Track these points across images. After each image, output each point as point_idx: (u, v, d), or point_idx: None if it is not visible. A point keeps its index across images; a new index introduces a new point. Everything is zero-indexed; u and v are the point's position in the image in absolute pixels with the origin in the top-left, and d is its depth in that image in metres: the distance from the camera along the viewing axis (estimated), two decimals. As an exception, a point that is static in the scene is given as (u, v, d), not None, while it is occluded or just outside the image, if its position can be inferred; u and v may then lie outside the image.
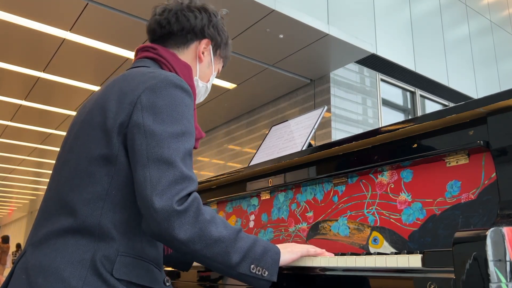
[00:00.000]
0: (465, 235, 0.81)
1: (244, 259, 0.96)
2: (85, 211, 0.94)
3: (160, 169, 0.91)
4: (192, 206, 0.91)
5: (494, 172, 1.01)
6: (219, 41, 1.27)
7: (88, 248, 0.92)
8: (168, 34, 1.20)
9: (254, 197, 1.75)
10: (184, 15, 1.20)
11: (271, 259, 1.01)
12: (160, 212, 0.88)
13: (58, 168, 1.06)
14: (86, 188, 0.96)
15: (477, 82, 7.52)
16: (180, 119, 0.98)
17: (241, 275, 0.97)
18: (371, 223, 1.26)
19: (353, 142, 1.30)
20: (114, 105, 0.99)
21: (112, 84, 1.06)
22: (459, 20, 7.68)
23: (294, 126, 1.85)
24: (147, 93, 0.98)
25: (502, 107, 0.98)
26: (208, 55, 1.25)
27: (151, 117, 0.95)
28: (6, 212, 24.41)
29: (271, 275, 1.00)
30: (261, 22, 4.59)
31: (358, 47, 5.10)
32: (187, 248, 0.91)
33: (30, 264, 0.93)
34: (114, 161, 0.96)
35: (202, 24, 1.21)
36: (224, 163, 7.45)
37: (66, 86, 6.31)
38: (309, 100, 5.91)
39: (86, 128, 1.02)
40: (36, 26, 4.75)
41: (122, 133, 0.97)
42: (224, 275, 1.03)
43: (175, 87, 1.01)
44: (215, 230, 0.93)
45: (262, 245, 1.01)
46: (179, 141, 0.95)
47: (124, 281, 0.92)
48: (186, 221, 0.90)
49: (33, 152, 10.43)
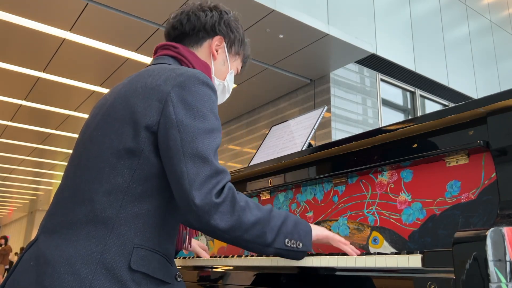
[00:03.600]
0: (465, 235, 0.81)
1: (278, 235, 1.02)
2: (104, 202, 0.95)
3: (197, 164, 0.94)
4: (228, 196, 0.96)
5: (494, 172, 1.01)
6: (232, 38, 1.27)
7: (100, 240, 0.92)
8: (182, 35, 1.23)
9: (254, 197, 1.75)
10: (195, 14, 1.22)
11: (303, 231, 1.08)
12: (201, 206, 0.92)
13: (77, 157, 1.05)
14: (107, 179, 0.96)
15: (477, 82, 7.52)
16: (210, 115, 1.01)
17: (277, 250, 1.03)
18: (371, 223, 1.27)
19: (353, 142, 1.30)
20: (141, 100, 1.00)
21: (136, 79, 1.07)
22: (459, 20, 7.68)
23: (294, 126, 1.85)
24: (176, 90, 1.00)
25: (502, 107, 0.98)
26: (222, 52, 1.26)
27: (183, 112, 0.97)
28: (6, 212, 24.40)
29: (306, 246, 1.07)
30: (261, 22, 4.60)
31: (358, 47, 5.10)
32: (229, 235, 0.96)
33: (41, 252, 0.93)
34: (139, 155, 0.97)
35: (213, 21, 1.23)
36: (224, 163, 7.45)
37: (66, 86, 6.31)
38: (309, 100, 5.91)
39: (109, 121, 1.02)
40: (36, 26, 4.75)
41: (150, 129, 0.98)
42: (263, 254, 1.10)
43: (202, 84, 1.03)
44: (251, 215, 0.99)
45: (293, 220, 1.07)
46: (210, 137, 0.99)
47: (140, 273, 0.93)
48: (224, 211, 0.95)
49: (33, 152, 10.42)
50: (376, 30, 5.92)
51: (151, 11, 4.45)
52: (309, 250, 1.08)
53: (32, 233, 19.28)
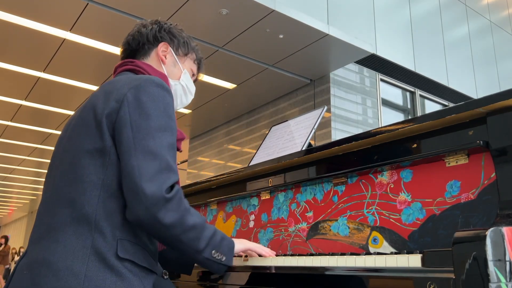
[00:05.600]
0: (465, 235, 0.81)
1: (208, 245, 1.09)
2: (82, 200, 1.00)
3: (147, 159, 0.99)
4: (177, 195, 1.01)
5: (494, 172, 1.01)
6: (176, 42, 1.37)
7: (87, 235, 0.97)
8: (132, 52, 1.33)
9: (254, 197, 1.76)
10: (138, 32, 1.34)
11: (227, 247, 1.15)
12: (151, 197, 0.96)
13: (54, 168, 1.12)
14: (82, 179, 1.02)
15: (477, 82, 7.52)
16: (162, 115, 1.06)
17: (204, 260, 1.09)
18: (371, 223, 1.27)
19: (353, 142, 1.30)
20: (101, 102, 1.08)
21: (100, 89, 1.16)
22: (458, 20, 7.68)
23: (294, 126, 1.85)
24: (132, 91, 1.07)
25: (502, 107, 0.99)
26: (170, 56, 1.35)
27: (136, 111, 1.04)
28: (6, 212, 24.40)
29: (228, 260, 1.14)
30: (261, 22, 4.60)
31: (358, 47, 5.10)
32: (167, 231, 1.01)
33: (32, 260, 0.98)
34: (108, 152, 1.03)
35: (153, 32, 1.33)
36: (224, 163, 7.45)
37: (66, 86, 6.31)
38: (309, 100, 5.91)
39: (78, 127, 1.10)
40: (36, 26, 4.75)
41: (111, 127, 1.04)
42: (192, 259, 1.15)
43: (157, 85, 1.09)
44: (191, 218, 1.05)
45: (220, 235, 1.14)
46: (162, 135, 1.04)
47: (128, 261, 0.98)
48: (171, 207, 0.99)
49: (33, 152, 10.42)
50: (376, 30, 5.92)
51: (151, 11, 4.45)
52: (230, 264, 1.15)
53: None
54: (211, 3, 4.32)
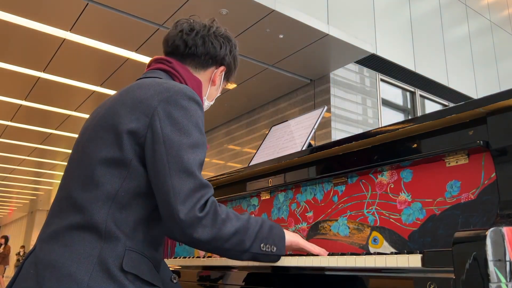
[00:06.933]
0: (465, 235, 0.81)
1: (255, 240, 1.08)
2: (92, 209, 0.99)
3: (182, 178, 0.99)
4: (211, 210, 1.01)
5: (494, 172, 1.01)
6: (232, 68, 1.35)
7: (95, 245, 0.96)
8: (191, 55, 1.25)
9: (254, 197, 1.76)
10: (211, 42, 1.26)
11: (277, 236, 1.14)
12: (185, 221, 0.97)
13: (71, 169, 1.10)
14: (97, 187, 1.00)
15: (477, 82, 7.52)
16: (195, 131, 1.05)
17: (254, 254, 1.09)
18: (371, 223, 1.27)
19: (353, 142, 1.30)
20: (127, 111, 1.04)
21: (126, 91, 1.11)
22: (459, 20, 7.68)
23: (294, 126, 1.85)
24: (163, 105, 1.03)
25: (502, 107, 0.98)
26: (219, 79, 1.33)
27: (169, 128, 1.01)
28: (6, 212, 24.40)
29: (280, 250, 1.13)
30: (261, 22, 4.60)
31: (358, 47, 5.10)
32: (209, 246, 1.03)
33: (39, 259, 0.98)
34: (128, 165, 1.01)
35: (225, 53, 1.29)
36: (224, 163, 7.45)
37: (66, 86, 6.31)
38: (309, 100, 5.92)
39: (99, 131, 1.06)
40: (36, 26, 4.75)
41: (136, 141, 1.02)
42: (239, 260, 1.13)
43: (188, 99, 1.07)
44: (230, 226, 1.04)
45: (268, 225, 1.13)
46: (195, 151, 1.03)
47: (132, 274, 0.97)
48: (207, 224, 1.00)
49: (33, 152, 10.43)
50: (376, 30, 5.91)
51: (151, 11, 4.45)
52: (282, 253, 1.14)
53: (32, 233, 19.28)
54: (211, 3, 4.32)
